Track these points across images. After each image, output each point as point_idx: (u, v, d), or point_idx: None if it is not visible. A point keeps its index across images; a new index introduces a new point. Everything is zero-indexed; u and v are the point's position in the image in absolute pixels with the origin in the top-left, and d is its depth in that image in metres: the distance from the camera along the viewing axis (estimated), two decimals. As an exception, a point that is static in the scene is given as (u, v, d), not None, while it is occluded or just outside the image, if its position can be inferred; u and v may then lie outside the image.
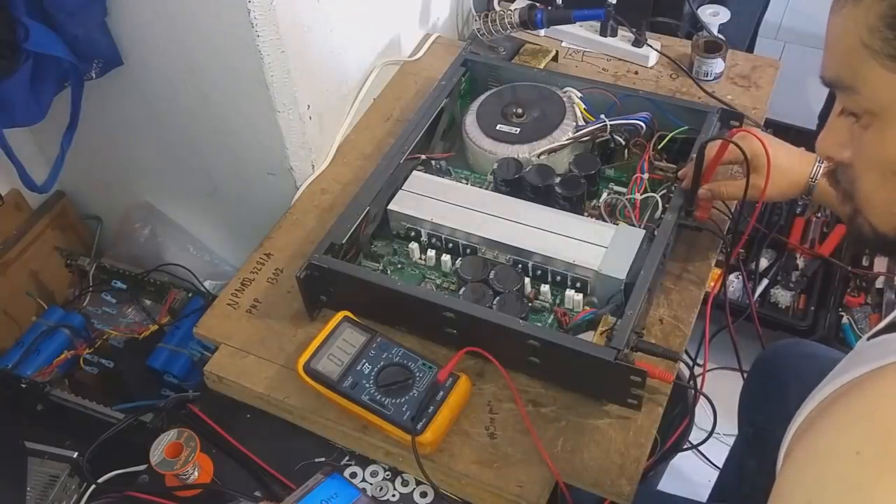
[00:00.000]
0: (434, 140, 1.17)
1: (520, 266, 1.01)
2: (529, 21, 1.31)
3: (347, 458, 0.96)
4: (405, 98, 1.32)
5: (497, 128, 1.14)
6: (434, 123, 1.17)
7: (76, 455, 1.03)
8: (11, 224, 1.37)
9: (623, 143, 1.11)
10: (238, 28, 1.00)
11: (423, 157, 1.14)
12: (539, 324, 0.97)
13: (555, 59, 1.36)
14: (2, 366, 1.20)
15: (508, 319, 0.91)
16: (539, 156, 1.10)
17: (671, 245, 1.02)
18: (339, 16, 1.16)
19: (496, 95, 1.19)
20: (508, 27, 1.33)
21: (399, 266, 1.06)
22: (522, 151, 1.11)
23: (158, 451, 0.91)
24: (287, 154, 1.17)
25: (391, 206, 1.07)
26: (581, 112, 1.13)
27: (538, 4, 1.31)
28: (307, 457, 0.96)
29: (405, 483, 0.94)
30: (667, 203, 1.03)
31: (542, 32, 1.40)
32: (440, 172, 1.14)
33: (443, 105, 1.17)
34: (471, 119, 1.16)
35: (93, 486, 0.98)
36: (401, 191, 1.08)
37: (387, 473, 0.95)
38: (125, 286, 1.33)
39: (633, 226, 1.02)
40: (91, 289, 1.34)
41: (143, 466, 0.95)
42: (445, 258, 1.04)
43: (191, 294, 1.31)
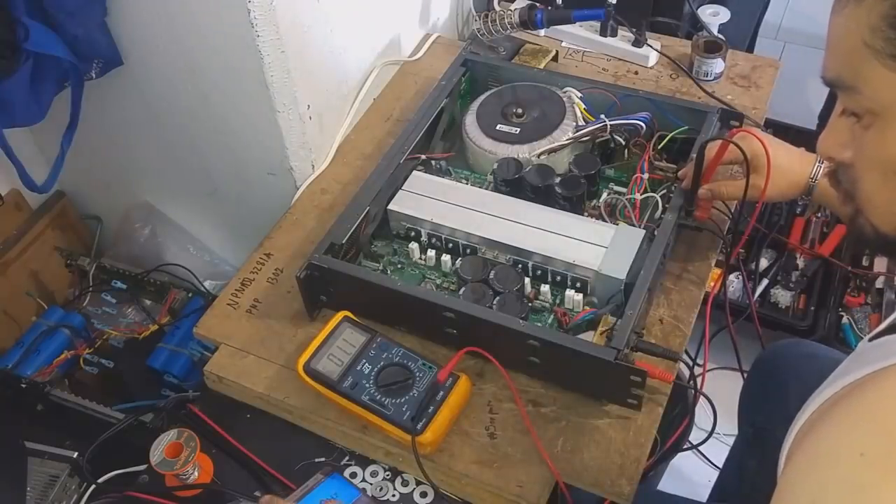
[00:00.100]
0: (434, 140, 1.17)
1: (520, 266, 1.01)
2: (529, 21, 1.31)
3: (347, 458, 0.96)
4: (405, 98, 1.32)
5: (497, 128, 1.14)
6: (434, 123, 1.17)
7: (76, 455, 1.03)
8: (11, 224, 1.36)
9: (623, 143, 1.11)
10: (238, 28, 1.00)
11: (423, 157, 1.14)
12: (539, 324, 0.97)
13: (555, 59, 1.36)
14: (2, 366, 1.20)
15: (508, 319, 0.91)
16: (539, 156, 1.10)
17: (671, 245, 1.02)
18: (339, 16, 1.16)
19: (496, 95, 1.19)
20: (508, 27, 1.32)
21: (399, 266, 1.06)
22: (522, 151, 1.11)
23: (158, 451, 0.91)
24: (287, 154, 1.17)
25: (391, 206, 1.07)
26: (581, 112, 1.13)
27: (538, 4, 1.31)
28: (307, 457, 0.96)
29: (405, 483, 0.94)
30: (667, 203, 1.03)
31: (542, 32, 1.40)
32: (440, 172, 1.14)
33: (443, 105, 1.17)
34: (471, 119, 1.16)
35: (93, 486, 0.98)
36: (401, 191, 1.08)
37: (387, 473, 0.95)
38: (125, 286, 1.33)
39: (633, 226, 1.02)
40: (91, 289, 1.34)
41: (143, 466, 0.95)
42: (445, 258, 1.04)
43: (191, 294, 1.31)
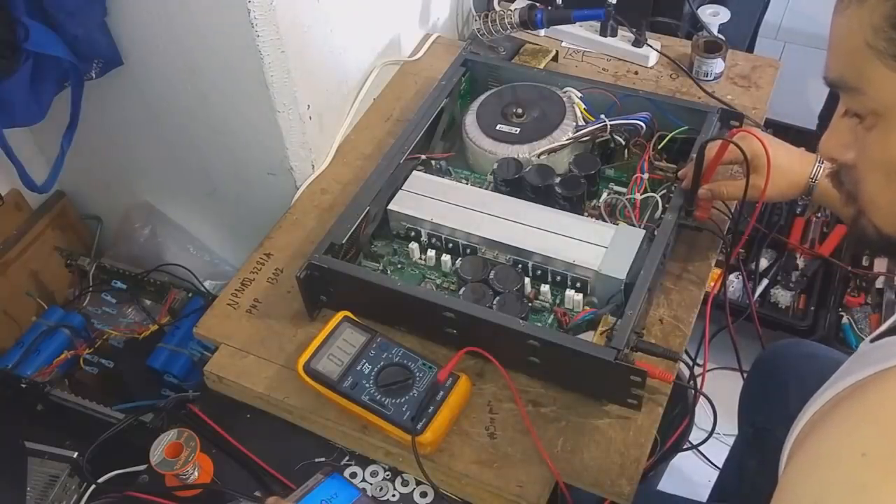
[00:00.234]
0: (434, 140, 1.17)
1: (520, 266, 1.01)
2: (529, 21, 1.30)
3: (347, 458, 0.96)
4: (405, 98, 1.32)
5: (497, 128, 1.14)
6: (434, 123, 1.17)
7: (76, 455, 1.03)
8: (11, 224, 1.36)
9: (623, 143, 1.11)
10: (238, 28, 1.00)
11: (423, 157, 1.14)
12: (539, 324, 0.97)
13: (555, 59, 1.36)
14: (2, 366, 1.20)
15: (508, 319, 0.91)
16: (539, 156, 1.10)
17: (671, 245, 1.02)
18: (339, 16, 1.16)
19: (496, 95, 1.19)
20: (508, 27, 1.32)
21: (399, 266, 1.06)
22: (522, 151, 1.11)
23: (158, 451, 0.91)
24: (287, 154, 1.16)
25: (391, 206, 1.07)
26: (581, 112, 1.13)
27: (538, 4, 1.31)
28: (307, 457, 0.96)
29: (405, 483, 0.94)
30: (667, 203, 1.03)
31: (542, 32, 1.40)
32: (440, 172, 1.14)
33: (443, 105, 1.17)
34: (471, 119, 1.16)
35: (93, 486, 0.98)
36: (401, 191, 1.08)
37: (387, 473, 0.95)
38: (125, 286, 1.33)
39: (633, 226, 1.02)
40: (91, 289, 1.34)
41: (143, 466, 0.95)
42: (445, 258, 1.04)
43: (191, 294, 1.31)
